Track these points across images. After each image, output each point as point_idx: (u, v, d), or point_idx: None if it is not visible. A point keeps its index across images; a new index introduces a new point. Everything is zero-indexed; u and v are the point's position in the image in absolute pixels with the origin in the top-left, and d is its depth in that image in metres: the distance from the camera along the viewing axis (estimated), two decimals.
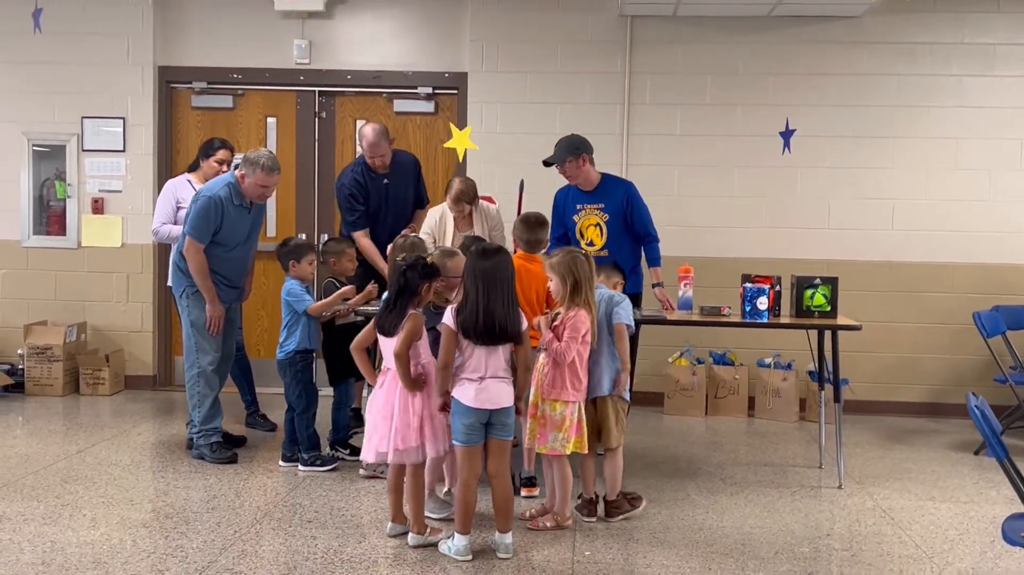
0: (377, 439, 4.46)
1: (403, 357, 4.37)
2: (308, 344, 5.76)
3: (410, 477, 4.49)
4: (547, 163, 6.14)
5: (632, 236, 6.10)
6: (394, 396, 4.44)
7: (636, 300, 5.91)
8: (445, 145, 7.21)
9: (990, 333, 6.71)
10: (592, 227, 6.09)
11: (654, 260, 6.07)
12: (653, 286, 5.98)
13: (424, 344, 4.48)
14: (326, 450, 5.88)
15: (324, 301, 5.71)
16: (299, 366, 5.74)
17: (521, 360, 4.42)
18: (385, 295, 4.70)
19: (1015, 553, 4.45)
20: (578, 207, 6.12)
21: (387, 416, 4.44)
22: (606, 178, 6.15)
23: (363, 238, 6.48)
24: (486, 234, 6.23)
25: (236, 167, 5.90)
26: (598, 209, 6.08)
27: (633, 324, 4.96)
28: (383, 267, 6.21)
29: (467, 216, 6.30)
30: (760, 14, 7.57)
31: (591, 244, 6.05)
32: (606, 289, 5.04)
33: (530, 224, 5.44)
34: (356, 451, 5.93)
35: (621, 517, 4.93)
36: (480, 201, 6.37)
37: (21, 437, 6.43)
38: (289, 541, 4.51)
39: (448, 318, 4.31)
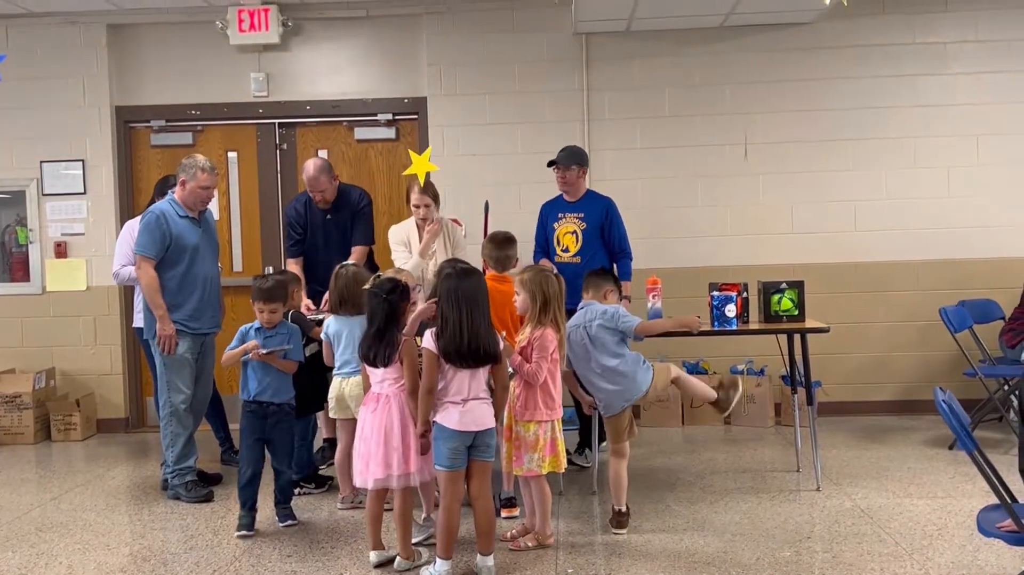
0: (373, 466, 4.42)
1: (416, 392, 4.34)
2: (243, 393, 5.28)
3: (400, 502, 4.46)
4: (552, 163, 6.37)
5: (606, 249, 6.30)
6: (385, 421, 4.41)
7: None
8: (404, 173, 7.20)
9: (957, 328, 6.77)
10: (569, 234, 6.29)
11: (625, 275, 6.23)
12: (620, 299, 6.00)
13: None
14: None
15: (232, 352, 5.23)
16: (241, 420, 5.34)
17: (499, 380, 4.42)
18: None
19: (993, 545, 4.48)
20: (559, 215, 6.39)
21: (380, 442, 4.41)
22: (590, 192, 6.45)
23: (292, 265, 6.63)
24: (449, 252, 6.19)
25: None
26: (577, 218, 6.31)
27: (638, 319, 5.05)
28: (301, 301, 6.18)
29: (433, 223, 6.13)
30: (712, 25, 7.65)
31: (566, 250, 6.28)
32: (597, 305, 5.07)
33: (498, 242, 5.49)
34: (323, 482, 5.92)
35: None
36: (448, 220, 6.36)
37: None
38: None
39: (428, 342, 4.28)
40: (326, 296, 6.13)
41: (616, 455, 5.01)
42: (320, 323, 5.76)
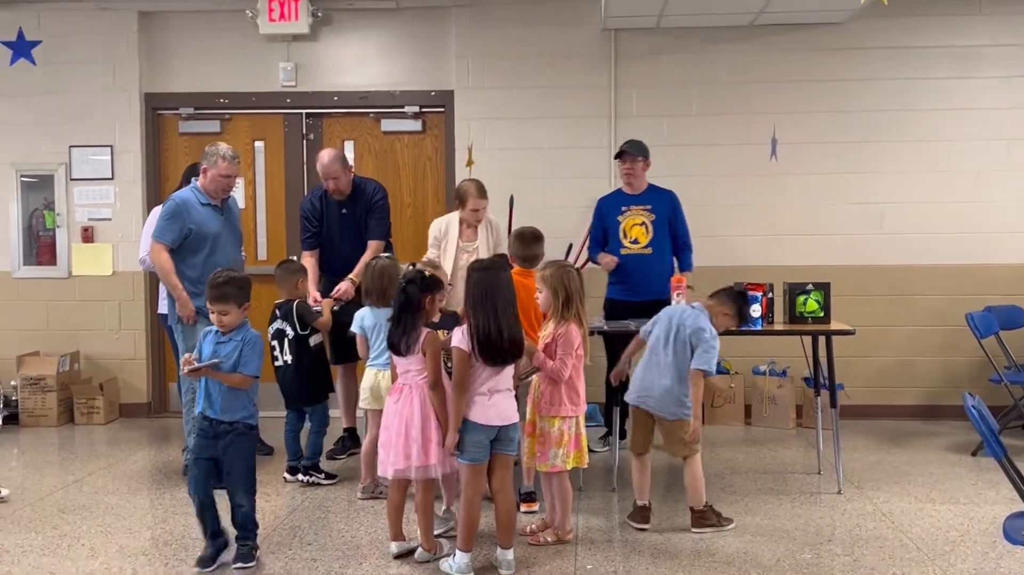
0: (393, 456, 4.43)
1: (440, 384, 4.35)
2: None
3: (421, 493, 4.47)
4: (622, 153, 6.58)
5: (671, 241, 6.57)
6: (407, 412, 4.42)
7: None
8: (467, 165, 7.28)
9: (983, 334, 6.71)
10: (637, 226, 6.51)
11: (688, 266, 6.55)
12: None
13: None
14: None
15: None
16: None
17: (516, 373, 4.43)
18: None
19: (1017, 553, 4.45)
20: (623, 208, 6.59)
21: (401, 432, 4.41)
22: (652, 185, 6.67)
23: (307, 258, 6.61)
24: (491, 247, 6.21)
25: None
26: (645, 210, 6.55)
27: (714, 371, 4.93)
28: (307, 292, 6.27)
29: (474, 225, 6.24)
30: (743, 23, 7.61)
31: (635, 242, 6.51)
32: (705, 322, 4.91)
33: (526, 239, 5.45)
34: (332, 476, 5.94)
35: (710, 530, 4.91)
36: (489, 214, 6.37)
37: (17, 469, 6.39)
38: (289, 564, 4.48)
39: (460, 340, 4.27)
40: (342, 285, 6.24)
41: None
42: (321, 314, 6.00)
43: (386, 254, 6.04)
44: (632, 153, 6.53)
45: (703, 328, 4.87)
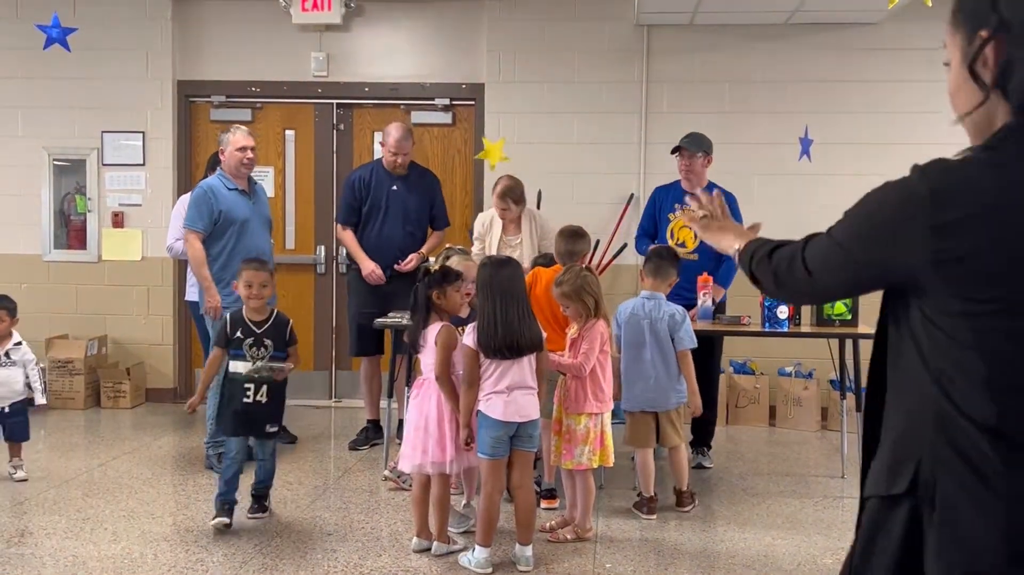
0: (411, 451, 4.45)
1: (444, 376, 4.36)
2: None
3: (437, 488, 4.48)
4: (677, 149, 6.10)
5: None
6: (426, 407, 4.43)
7: (721, 308, 6.09)
8: (477, 156, 7.22)
9: None
10: (685, 228, 5.92)
11: (724, 280, 6.03)
12: (704, 294, 5.87)
13: (458, 355, 4.43)
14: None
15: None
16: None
17: (540, 371, 4.40)
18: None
19: None
20: (676, 206, 5.81)
21: (419, 427, 4.43)
22: (711, 184, 5.95)
23: (343, 231, 6.63)
24: (535, 242, 6.18)
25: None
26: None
27: (695, 343, 5.07)
28: (362, 259, 6.43)
29: (515, 219, 6.23)
30: (778, 22, 7.54)
31: (682, 245, 6.01)
32: (668, 305, 5.08)
33: (568, 236, 5.36)
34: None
35: (691, 507, 5.17)
36: (533, 208, 6.34)
37: (43, 451, 6.45)
38: (309, 555, 4.50)
39: (468, 337, 4.29)
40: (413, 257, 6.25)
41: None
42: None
43: (459, 246, 5.89)
44: (690, 149, 6.04)
45: (673, 313, 5.04)
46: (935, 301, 1.65)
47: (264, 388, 4.84)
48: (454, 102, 8.00)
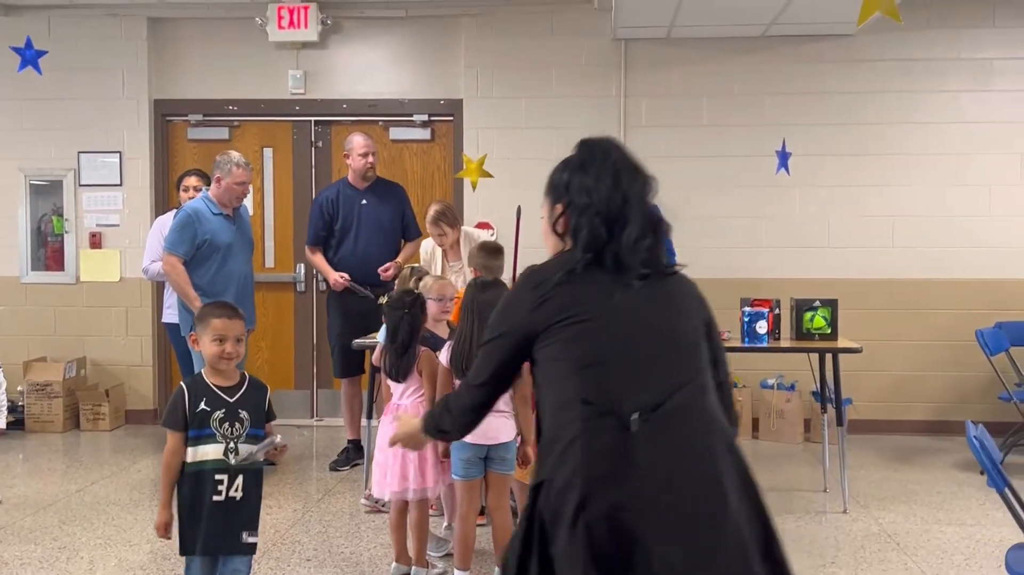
0: (390, 478, 4.41)
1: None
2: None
3: (415, 512, 4.45)
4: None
5: None
6: None
7: None
8: (458, 175, 7.20)
9: (993, 351, 6.65)
10: None
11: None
12: None
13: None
14: None
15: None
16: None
17: (517, 394, 4.36)
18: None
19: None
20: None
21: (398, 455, 4.39)
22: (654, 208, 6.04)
23: (312, 254, 6.62)
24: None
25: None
26: None
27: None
28: (327, 271, 6.49)
29: (454, 243, 6.05)
30: (754, 35, 7.56)
31: None
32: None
33: (488, 251, 5.38)
34: None
35: None
36: (467, 228, 6.30)
37: (20, 476, 6.40)
38: None
39: (443, 355, 4.27)
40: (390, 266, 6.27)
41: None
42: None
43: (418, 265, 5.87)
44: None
45: None
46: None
47: (240, 480, 3.48)
48: (432, 118, 7.98)
